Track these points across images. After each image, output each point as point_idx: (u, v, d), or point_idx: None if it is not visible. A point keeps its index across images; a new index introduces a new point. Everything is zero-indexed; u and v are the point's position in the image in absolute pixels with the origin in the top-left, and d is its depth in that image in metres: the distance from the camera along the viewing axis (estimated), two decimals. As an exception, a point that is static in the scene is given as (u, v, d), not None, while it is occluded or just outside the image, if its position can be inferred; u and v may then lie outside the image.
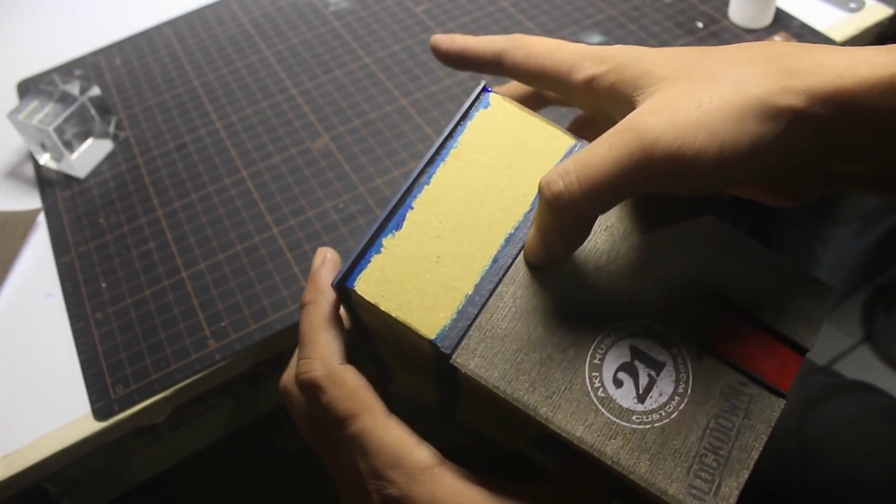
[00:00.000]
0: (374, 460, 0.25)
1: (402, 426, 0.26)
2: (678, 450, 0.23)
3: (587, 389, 0.24)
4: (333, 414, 0.26)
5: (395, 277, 0.25)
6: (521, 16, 0.64)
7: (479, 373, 0.24)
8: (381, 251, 0.25)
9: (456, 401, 0.31)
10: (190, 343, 0.45)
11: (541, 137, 0.27)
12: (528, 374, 0.24)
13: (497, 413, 0.28)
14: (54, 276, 0.50)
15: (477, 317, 0.24)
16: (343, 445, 0.27)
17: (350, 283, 0.25)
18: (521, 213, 0.26)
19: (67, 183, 0.56)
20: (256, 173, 0.54)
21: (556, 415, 0.23)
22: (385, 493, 0.25)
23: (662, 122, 0.22)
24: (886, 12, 0.60)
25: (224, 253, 0.50)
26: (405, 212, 0.26)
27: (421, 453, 0.25)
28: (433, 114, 0.57)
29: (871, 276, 1.19)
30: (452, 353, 0.24)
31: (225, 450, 0.59)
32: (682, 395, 0.24)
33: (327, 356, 0.27)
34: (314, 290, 0.29)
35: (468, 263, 0.25)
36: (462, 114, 0.28)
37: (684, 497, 0.22)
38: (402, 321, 0.24)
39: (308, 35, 0.65)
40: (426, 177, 0.27)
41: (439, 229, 0.26)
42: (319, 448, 0.29)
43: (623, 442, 0.23)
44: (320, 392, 0.27)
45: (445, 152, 0.27)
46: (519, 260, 0.25)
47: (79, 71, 0.65)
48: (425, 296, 0.25)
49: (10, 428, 0.42)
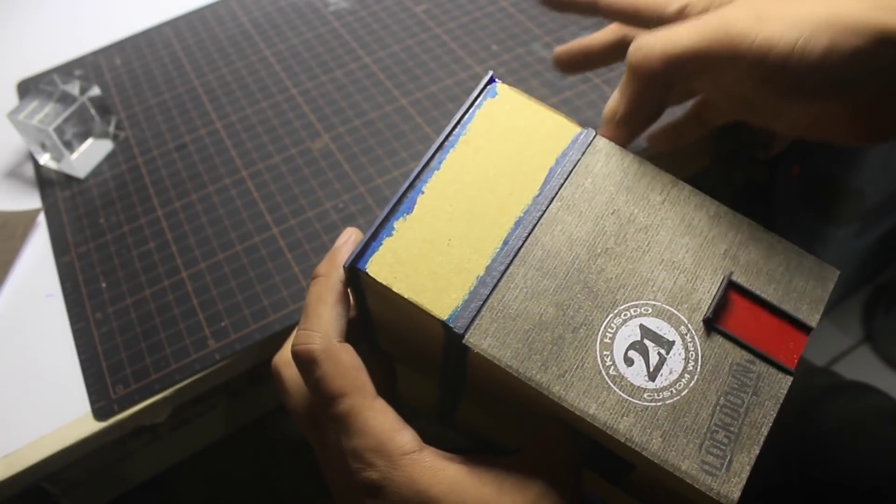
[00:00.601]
0: (357, 441, 0.25)
1: (390, 410, 0.26)
2: (689, 426, 0.23)
3: (599, 368, 0.24)
4: (324, 390, 0.26)
5: (407, 260, 0.25)
6: (522, 16, 0.64)
7: (491, 352, 0.24)
8: (393, 234, 0.26)
9: (458, 395, 0.31)
10: (190, 343, 0.45)
11: (547, 125, 0.28)
12: (540, 354, 0.24)
13: (502, 404, 0.29)
14: (54, 276, 0.50)
15: (489, 297, 0.25)
16: (329, 423, 0.27)
17: (362, 266, 0.25)
18: (529, 198, 0.27)
19: (67, 183, 0.56)
20: (256, 173, 0.54)
21: (568, 393, 0.24)
22: (365, 476, 0.25)
23: (749, 17, 0.25)
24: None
25: (224, 253, 0.50)
26: (416, 196, 0.26)
27: (402, 438, 0.25)
28: (433, 114, 0.57)
29: (871, 276, 1.19)
30: (465, 333, 0.24)
31: (225, 450, 0.59)
32: (692, 372, 0.24)
33: (328, 331, 0.27)
34: (331, 264, 0.29)
35: (479, 246, 0.26)
36: (470, 102, 0.28)
37: (697, 473, 0.23)
38: (415, 302, 0.25)
39: (308, 35, 0.65)
40: (436, 162, 0.27)
41: (450, 213, 0.26)
42: (307, 428, 0.29)
43: (635, 419, 0.23)
44: (314, 365, 0.26)
45: (455, 139, 0.28)
46: (530, 242, 0.26)
47: (79, 71, 0.65)
48: (437, 277, 0.25)
49: (10, 428, 0.43)
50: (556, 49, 0.38)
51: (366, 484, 0.25)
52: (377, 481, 0.25)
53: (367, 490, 0.25)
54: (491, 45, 0.62)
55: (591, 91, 0.56)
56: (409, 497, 0.25)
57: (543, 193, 0.27)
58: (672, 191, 0.27)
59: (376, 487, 0.25)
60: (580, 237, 0.26)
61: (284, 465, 0.79)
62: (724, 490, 0.22)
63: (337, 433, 0.26)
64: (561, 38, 0.61)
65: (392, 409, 0.26)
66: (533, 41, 0.61)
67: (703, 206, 0.27)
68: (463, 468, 0.25)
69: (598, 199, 0.27)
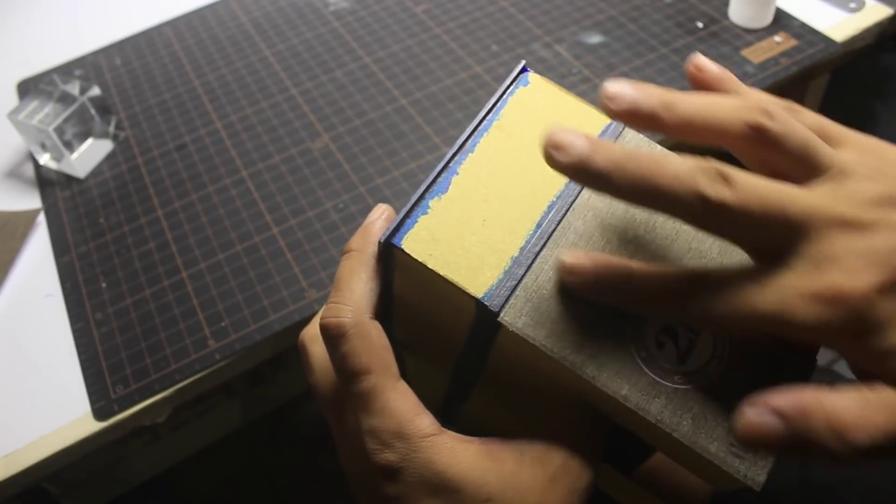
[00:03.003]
0: (377, 421, 0.25)
1: (411, 394, 0.26)
2: (719, 410, 0.23)
3: (631, 350, 0.24)
4: (349, 365, 0.26)
5: (441, 238, 0.25)
6: (522, 16, 0.64)
7: (526, 332, 0.24)
8: (428, 212, 0.26)
9: (471, 386, 0.31)
10: (190, 343, 0.45)
11: (578, 115, 0.28)
12: (573, 335, 0.24)
13: (516, 394, 0.29)
14: (54, 276, 0.50)
15: (523, 278, 0.25)
16: (350, 400, 0.27)
17: (397, 242, 0.25)
18: (562, 184, 0.27)
19: (67, 183, 0.56)
20: (256, 173, 0.54)
21: (601, 374, 0.24)
22: (382, 458, 0.25)
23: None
24: (886, 12, 0.60)
25: (224, 253, 0.50)
26: (451, 176, 0.27)
27: (422, 421, 0.25)
28: (433, 114, 0.57)
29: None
30: (500, 311, 0.24)
31: (225, 450, 0.59)
32: (721, 357, 0.24)
33: (360, 305, 0.27)
34: (364, 239, 0.28)
35: (513, 227, 0.26)
36: (503, 90, 0.28)
37: (725, 456, 0.23)
38: (450, 279, 0.25)
39: (308, 35, 0.65)
40: (470, 144, 0.27)
41: (484, 194, 0.26)
42: (328, 407, 0.29)
43: (666, 401, 0.23)
44: (342, 339, 0.26)
45: (488, 123, 0.28)
46: (563, 226, 0.26)
47: (79, 71, 0.65)
48: (472, 256, 0.25)
49: (10, 428, 0.43)
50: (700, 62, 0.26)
51: (383, 465, 0.25)
52: (394, 463, 0.25)
53: (383, 472, 0.25)
54: (491, 45, 0.62)
55: (591, 91, 0.56)
56: (429, 478, 0.24)
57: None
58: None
59: (393, 470, 0.25)
60: (611, 224, 0.26)
61: (284, 466, 0.79)
62: (751, 473, 0.23)
63: (356, 412, 0.26)
64: (561, 38, 0.61)
65: (413, 393, 0.26)
66: (533, 41, 0.61)
67: None
68: (482, 448, 0.25)
69: None
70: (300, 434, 0.79)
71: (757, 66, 0.56)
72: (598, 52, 0.59)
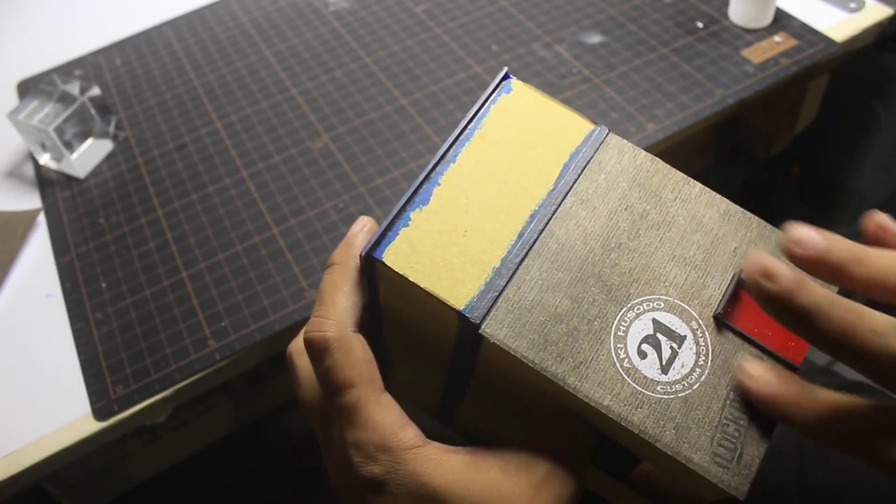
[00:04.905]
0: (361, 435, 0.25)
1: (395, 406, 0.26)
2: (701, 419, 0.24)
3: (613, 360, 0.24)
4: (333, 378, 0.26)
5: (423, 250, 0.25)
6: (522, 16, 0.64)
7: (508, 343, 0.24)
8: (410, 224, 0.26)
9: (463, 392, 0.31)
10: (190, 343, 0.45)
11: (561, 121, 0.28)
12: (555, 345, 0.24)
13: (507, 401, 0.29)
14: (54, 276, 0.50)
15: (504, 289, 0.25)
16: (335, 414, 0.27)
17: (378, 255, 0.25)
18: (544, 192, 0.27)
19: (67, 183, 0.56)
20: (256, 173, 0.54)
21: (583, 384, 0.24)
22: (367, 471, 0.25)
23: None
24: (886, 12, 0.60)
25: (224, 253, 0.50)
26: (432, 188, 0.27)
27: (406, 434, 0.25)
28: (433, 114, 0.57)
29: (872, 275, 1.18)
30: (481, 323, 0.24)
31: (225, 450, 0.59)
32: (703, 366, 0.24)
33: (344, 319, 0.27)
34: (346, 252, 0.29)
35: (495, 238, 0.26)
36: (485, 97, 0.28)
37: (709, 465, 0.23)
38: (431, 292, 0.25)
39: (308, 35, 0.65)
40: (451, 155, 0.27)
41: (466, 204, 0.26)
42: (316, 420, 0.29)
43: (649, 411, 0.24)
44: (326, 353, 0.26)
45: (470, 132, 0.28)
46: (544, 235, 0.26)
47: (79, 71, 0.65)
48: (453, 268, 0.25)
49: (10, 428, 0.43)
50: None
51: (369, 478, 0.25)
52: (380, 476, 0.25)
53: (369, 485, 0.25)
54: (491, 45, 0.62)
55: (591, 91, 0.56)
56: (414, 490, 0.24)
57: (558, 188, 0.27)
58: (683, 188, 0.28)
59: (379, 482, 0.25)
60: (594, 232, 0.26)
61: (284, 466, 0.79)
62: (735, 482, 0.23)
63: (341, 425, 0.26)
64: (561, 38, 0.61)
65: (397, 406, 0.26)
66: (533, 41, 0.61)
67: (713, 204, 0.27)
68: (467, 458, 0.25)
69: (611, 195, 0.27)
70: (300, 434, 0.79)
71: (757, 66, 0.56)
72: (597, 52, 0.59)
